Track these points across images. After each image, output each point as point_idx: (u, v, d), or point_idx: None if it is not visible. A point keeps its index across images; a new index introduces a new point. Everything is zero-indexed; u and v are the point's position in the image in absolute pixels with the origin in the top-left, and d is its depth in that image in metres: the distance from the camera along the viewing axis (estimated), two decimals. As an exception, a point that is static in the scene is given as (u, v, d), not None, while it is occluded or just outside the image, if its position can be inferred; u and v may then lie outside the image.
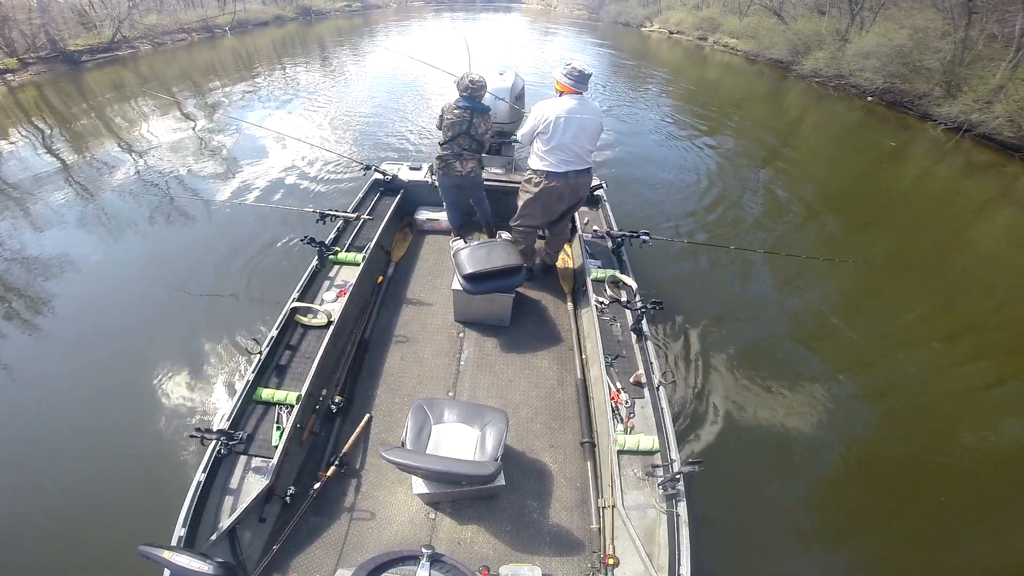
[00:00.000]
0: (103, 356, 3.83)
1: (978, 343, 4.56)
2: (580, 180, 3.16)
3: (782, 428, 3.45)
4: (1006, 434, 3.61)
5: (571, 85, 2.92)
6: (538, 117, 2.98)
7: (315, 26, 22.96)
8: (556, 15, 37.01)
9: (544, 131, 2.96)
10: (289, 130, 8.38)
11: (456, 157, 3.46)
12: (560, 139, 2.95)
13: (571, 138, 2.96)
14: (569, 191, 3.16)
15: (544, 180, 3.09)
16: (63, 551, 2.63)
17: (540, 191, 3.14)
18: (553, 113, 2.92)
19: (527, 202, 3.25)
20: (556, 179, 3.07)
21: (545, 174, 3.07)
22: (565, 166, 3.04)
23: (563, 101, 2.94)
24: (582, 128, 2.97)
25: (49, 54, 13.56)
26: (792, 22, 17.57)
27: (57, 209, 5.99)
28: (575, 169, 3.08)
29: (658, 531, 1.97)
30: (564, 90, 2.96)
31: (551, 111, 2.93)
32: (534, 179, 3.15)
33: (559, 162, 3.02)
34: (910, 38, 12.02)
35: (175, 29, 18.25)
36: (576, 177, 3.12)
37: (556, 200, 3.21)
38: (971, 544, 2.93)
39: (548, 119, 2.93)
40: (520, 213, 3.35)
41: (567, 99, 2.94)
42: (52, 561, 2.60)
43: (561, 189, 3.12)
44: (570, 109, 2.91)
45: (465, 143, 3.42)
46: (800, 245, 5.84)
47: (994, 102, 9.79)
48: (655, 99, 12.34)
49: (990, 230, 7.01)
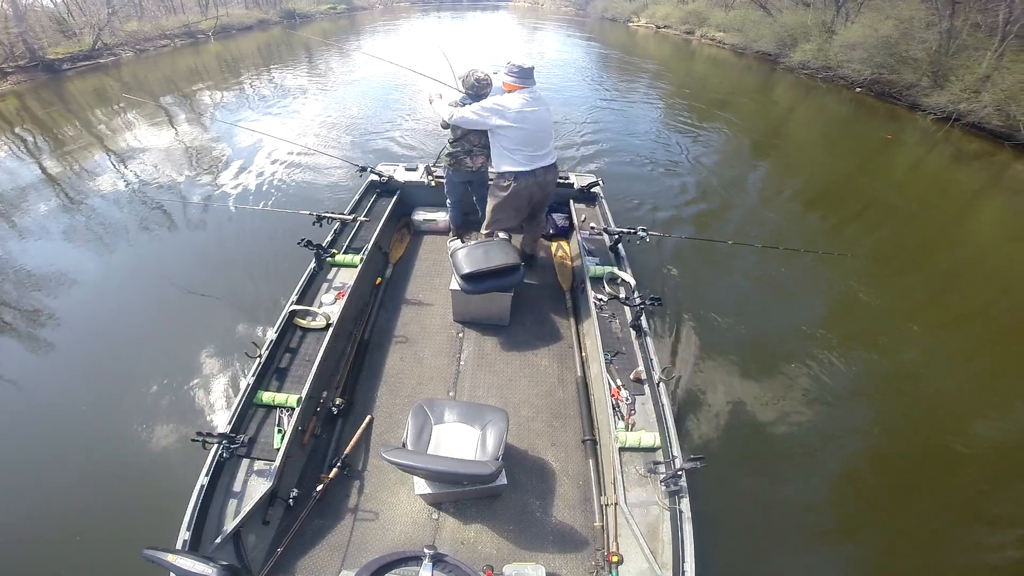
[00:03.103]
0: (103, 362, 3.83)
1: (974, 335, 4.58)
2: (548, 176, 3.17)
3: (782, 423, 3.47)
4: (1005, 428, 3.62)
5: (518, 82, 2.91)
6: (494, 108, 2.90)
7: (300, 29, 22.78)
8: (543, 12, 36.98)
9: (507, 124, 2.90)
10: (282, 133, 8.33)
11: (466, 154, 3.49)
12: (525, 132, 2.94)
13: (534, 129, 2.96)
14: (538, 188, 3.17)
15: (513, 182, 3.08)
16: (68, 556, 2.62)
17: (510, 194, 3.13)
18: (514, 105, 2.88)
19: (496, 207, 3.24)
20: (525, 178, 3.07)
21: (514, 175, 3.06)
22: (533, 163, 3.04)
23: (518, 95, 2.91)
24: (540, 119, 2.98)
25: (29, 63, 13.37)
26: (778, 15, 17.65)
27: (50, 219, 5.93)
28: (543, 165, 3.09)
29: (661, 528, 1.98)
30: (512, 88, 2.95)
31: (511, 103, 2.88)
32: (502, 182, 3.13)
33: (527, 159, 3.01)
34: (896, 28, 12.09)
35: (157, 35, 18.03)
36: (544, 174, 3.12)
37: (527, 201, 3.22)
38: (969, 538, 2.95)
39: (509, 110, 2.87)
40: (491, 220, 3.33)
41: (522, 93, 2.92)
42: (57, 566, 2.59)
43: (531, 188, 3.13)
44: (527, 102, 2.90)
45: (475, 139, 3.43)
46: (796, 238, 5.86)
47: (981, 91, 9.87)
48: (645, 94, 12.35)
49: (983, 219, 7.06)
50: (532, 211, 3.45)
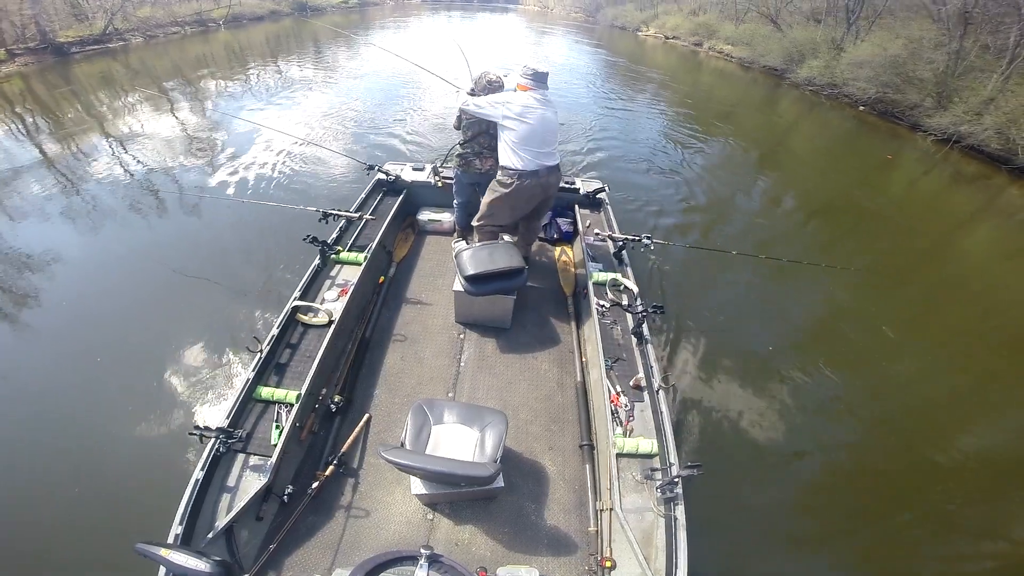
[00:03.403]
0: (101, 352, 3.79)
1: (961, 350, 4.64)
2: (551, 178, 3.18)
3: (779, 432, 3.49)
4: (987, 442, 3.69)
5: (530, 84, 3.01)
6: (504, 101, 3.00)
7: (311, 22, 22.82)
8: (553, 16, 37.15)
9: (515, 119, 2.96)
10: (288, 127, 8.34)
11: (476, 155, 3.50)
12: (531, 128, 2.97)
13: (541, 128, 3.00)
14: (540, 189, 3.17)
15: (516, 180, 3.08)
16: (60, 548, 2.60)
17: (511, 191, 3.13)
18: (521, 102, 2.96)
19: (494, 201, 3.24)
20: (528, 177, 3.08)
21: (518, 173, 3.07)
22: (538, 160, 3.05)
23: (528, 94, 3.01)
24: (547, 119, 3.03)
25: (38, 45, 13.34)
26: (788, 30, 17.73)
27: (53, 205, 5.90)
28: (547, 165, 3.10)
29: (656, 534, 1.98)
30: (524, 89, 3.04)
31: (519, 99, 2.98)
32: (505, 179, 3.14)
33: (532, 156, 3.03)
34: (905, 48, 12.16)
35: (168, 22, 18.02)
36: (548, 175, 3.13)
37: (526, 200, 3.23)
38: (948, 548, 3.00)
39: (516, 105, 2.96)
40: (485, 212, 3.33)
41: (531, 93, 3.01)
42: (49, 559, 2.57)
43: (532, 188, 3.13)
44: (535, 101, 2.99)
45: (485, 142, 3.43)
46: (796, 250, 5.89)
47: (984, 114, 9.93)
48: (650, 103, 12.41)
49: (975, 239, 7.14)
50: (530, 214, 3.45)
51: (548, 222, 4.32)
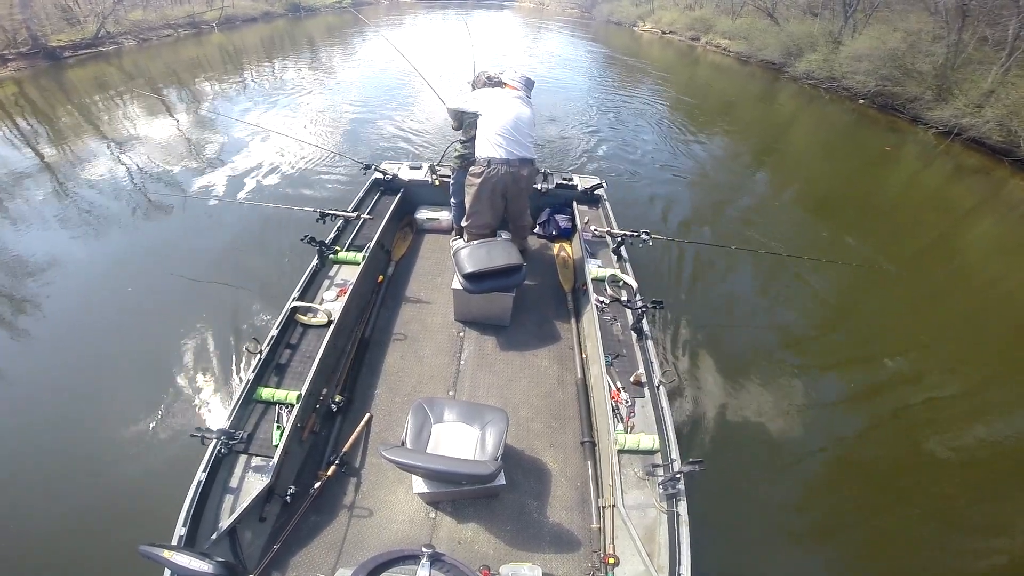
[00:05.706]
0: (102, 356, 3.79)
1: (965, 345, 4.62)
2: (523, 170, 3.17)
3: (782, 427, 3.48)
4: (994, 434, 3.68)
5: (517, 86, 3.22)
6: (484, 95, 3.18)
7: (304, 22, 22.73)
8: (548, 13, 36.95)
9: (492, 108, 3.08)
10: (286, 129, 8.32)
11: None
12: (505, 117, 3.05)
13: (514, 119, 3.07)
14: (512, 181, 3.16)
15: (486, 168, 3.10)
16: (63, 551, 2.60)
17: (481, 181, 3.13)
18: (497, 95, 3.14)
19: (471, 197, 3.25)
20: (498, 165, 3.08)
21: (487, 161, 3.09)
22: (509, 149, 3.07)
23: (507, 91, 3.19)
24: (522, 113, 3.12)
25: (31, 50, 13.28)
26: (785, 24, 17.68)
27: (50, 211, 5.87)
28: (519, 155, 3.10)
29: (658, 531, 1.97)
30: (511, 88, 3.22)
31: (495, 93, 3.17)
32: (476, 168, 3.17)
33: (504, 143, 3.06)
34: (903, 41, 12.12)
35: (161, 25, 17.92)
36: (520, 166, 3.13)
37: (500, 195, 3.23)
38: (952, 544, 2.99)
39: (491, 96, 3.13)
40: (469, 211, 3.34)
41: (512, 92, 3.19)
42: (52, 561, 2.57)
43: (505, 179, 3.12)
44: (516, 98, 3.15)
45: None
46: (797, 246, 5.88)
47: (984, 106, 9.90)
48: (649, 98, 12.37)
49: (977, 232, 7.12)
50: (511, 211, 3.44)
51: (546, 219, 4.32)
